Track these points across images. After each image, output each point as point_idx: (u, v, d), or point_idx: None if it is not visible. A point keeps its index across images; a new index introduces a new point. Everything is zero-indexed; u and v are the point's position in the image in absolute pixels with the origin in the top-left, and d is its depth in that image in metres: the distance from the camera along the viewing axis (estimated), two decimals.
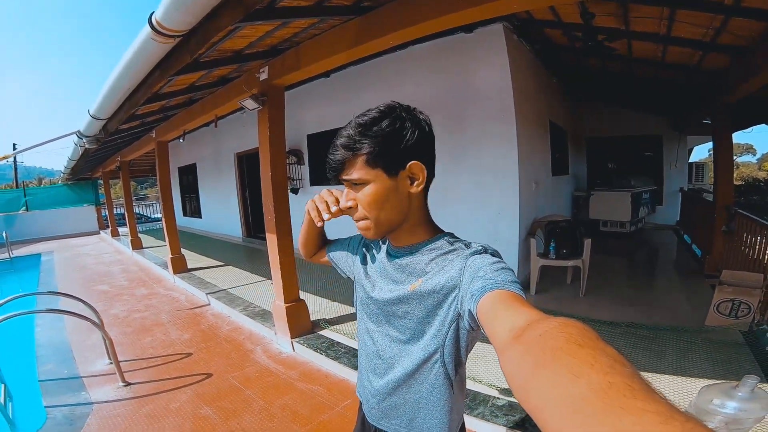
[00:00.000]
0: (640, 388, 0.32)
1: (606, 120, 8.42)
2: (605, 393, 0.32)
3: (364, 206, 0.83)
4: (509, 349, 0.50)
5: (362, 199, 0.82)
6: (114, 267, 7.96)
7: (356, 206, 0.84)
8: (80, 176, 13.34)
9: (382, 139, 0.79)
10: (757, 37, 2.87)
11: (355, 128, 0.80)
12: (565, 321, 0.46)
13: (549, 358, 0.40)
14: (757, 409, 1.59)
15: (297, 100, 6.24)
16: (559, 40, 4.46)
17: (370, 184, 0.80)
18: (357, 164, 0.80)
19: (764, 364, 2.59)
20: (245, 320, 4.21)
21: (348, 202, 0.85)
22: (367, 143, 0.79)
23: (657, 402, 0.30)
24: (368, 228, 0.85)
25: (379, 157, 0.79)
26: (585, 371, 0.36)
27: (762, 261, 3.73)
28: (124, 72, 2.47)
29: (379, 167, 0.79)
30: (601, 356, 0.37)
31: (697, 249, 5.99)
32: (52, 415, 2.65)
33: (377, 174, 0.80)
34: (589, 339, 0.41)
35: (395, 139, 0.79)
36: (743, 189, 10.95)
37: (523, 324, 0.51)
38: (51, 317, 4.48)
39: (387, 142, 0.79)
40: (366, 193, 0.81)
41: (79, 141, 4.73)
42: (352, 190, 0.84)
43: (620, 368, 0.35)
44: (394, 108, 0.81)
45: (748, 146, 33.47)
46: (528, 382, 0.41)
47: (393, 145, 0.79)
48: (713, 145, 4.93)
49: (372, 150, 0.78)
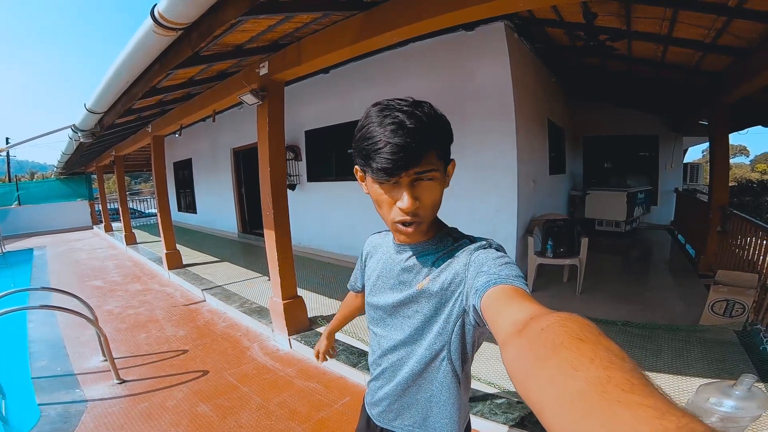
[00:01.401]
0: (638, 383, 0.32)
1: (603, 119, 8.46)
2: (603, 387, 0.33)
3: (428, 204, 0.76)
4: (511, 343, 0.50)
5: (427, 197, 0.75)
6: (108, 262, 7.89)
7: (418, 206, 0.75)
8: (74, 171, 13.21)
9: (447, 134, 0.77)
10: (758, 39, 2.89)
11: (427, 117, 0.72)
12: (567, 316, 0.46)
13: (550, 352, 0.40)
14: (754, 408, 1.61)
15: (295, 95, 6.20)
16: (560, 39, 4.46)
17: (436, 180, 0.75)
18: (431, 155, 0.73)
19: (758, 364, 2.62)
20: (242, 317, 4.19)
21: (414, 202, 0.74)
22: (439, 136, 0.75)
23: (654, 397, 0.31)
24: (422, 231, 0.80)
25: (445, 152, 0.77)
26: (585, 365, 0.36)
27: (755, 261, 3.77)
28: (123, 65, 2.43)
29: (442, 160, 0.77)
30: (602, 351, 0.38)
31: (691, 249, 6.05)
32: (46, 413, 2.61)
33: (442, 168, 0.77)
34: (590, 334, 0.41)
35: (450, 135, 0.79)
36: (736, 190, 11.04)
37: (525, 318, 0.52)
38: (43, 313, 4.43)
39: (448, 137, 0.78)
40: (432, 190, 0.76)
41: (74, 135, 4.67)
42: (409, 188, 0.73)
43: (620, 363, 0.36)
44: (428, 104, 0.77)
45: (741, 147, 33.83)
46: (529, 376, 0.42)
47: (450, 140, 0.79)
48: (710, 146, 4.96)
49: (442, 142, 0.76)
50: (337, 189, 6.20)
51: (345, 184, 6.05)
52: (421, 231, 0.80)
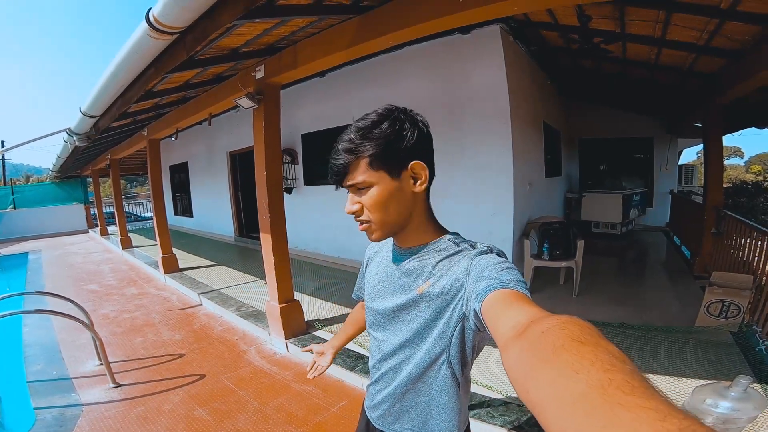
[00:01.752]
0: (639, 386, 0.32)
1: (599, 121, 8.50)
2: (604, 390, 0.33)
3: (369, 209, 0.83)
4: (512, 346, 0.50)
5: (367, 202, 0.83)
6: (103, 266, 7.85)
7: (361, 209, 0.84)
8: (69, 174, 13.14)
9: (383, 141, 0.80)
10: (751, 41, 2.92)
11: (356, 132, 0.81)
12: (568, 319, 0.46)
13: (550, 354, 0.41)
14: (750, 409, 1.61)
15: (291, 99, 6.21)
16: (555, 42, 4.49)
17: (374, 186, 0.81)
18: (360, 167, 0.81)
19: (754, 365, 2.63)
20: (238, 321, 4.18)
21: (353, 206, 0.85)
22: (369, 146, 0.80)
23: (656, 399, 0.31)
24: (373, 230, 0.86)
25: (382, 159, 0.80)
26: (585, 368, 0.36)
27: (750, 263, 3.79)
28: (119, 69, 2.42)
29: (382, 169, 0.80)
30: (602, 354, 0.38)
31: (686, 250, 6.08)
32: (42, 417, 2.60)
33: (381, 176, 0.81)
34: (590, 336, 0.41)
35: (396, 140, 0.80)
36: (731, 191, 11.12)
37: (525, 321, 0.52)
38: (39, 317, 4.40)
39: (388, 144, 0.80)
40: (370, 196, 0.82)
41: (69, 138, 4.65)
42: (356, 194, 0.84)
43: (620, 366, 0.36)
44: (392, 111, 0.83)
45: (735, 149, 34.04)
46: (529, 378, 0.42)
47: (394, 146, 0.80)
48: (704, 148, 4.99)
49: (374, 152, 0.79)
50: (333, 193, 6.11)
51: (341, 189, 6.04)
52: (374, 231, 0.85)
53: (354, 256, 5.85)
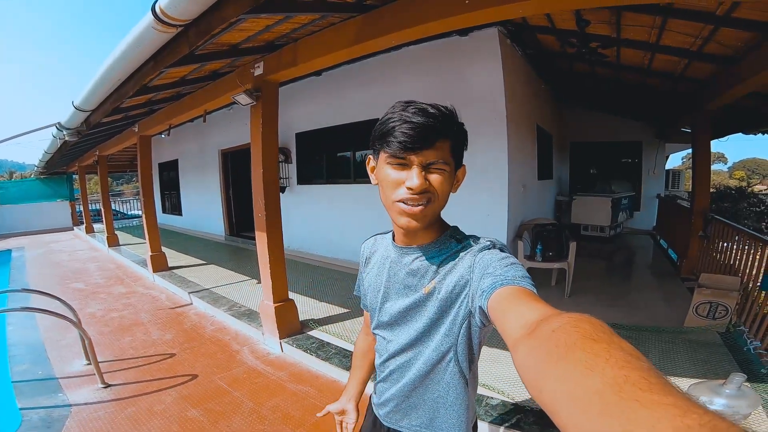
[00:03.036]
0: (656, 382, 0.32)
1: (589, 126, 8.65)
2: (620, 387, 0.32)
3: (437, 190, 0.78)
4: (522, 344, 0.50)
5: (436, 184, 0.77)
6: (89, 264, 7.69)
7: (429, 186, 0.77)
8: (55, 170, 12.85)
9: (462, 136, 0.82)
10: (743, 47, 2.99)
11: (446, 113, 0.77)
12: (579, 316, 0.46)
13: (563, 352, 0.40)
14: (744, 406, 1.65)
15: (287, 97, 6.17)
16: (551, 46, 4.54)
17: (446, 173, 0.78)
18: (444, 148, 0.77)
19: (742, 364, 2.70)
20: (231, 320, 4.13)
21: (425, 181, 0.76)
22: (456, 133, 0.79)
23: (674, 395, 0.30)
24: (427, 214, 0.78)
25: (457, 151, 0.81)
26: (600, 365, 0.35)
27: (735, 266, 3.89)
28: (117, 62, 2.37)
29: (453, 161, 0.80)
30: (616, 351, 0.37)
31: (673, 253, 6.21)
32: (28, 417, 2.54)
33: (452, 166, 0.80)
34: (603, 334, 0.41)
35: (465, 140, 0.83)
36: (715, 196, 11.40)
37: (535, 320, 0.51)
38: (23, 315, 4.29)
39: (463, 141, 0.82)
40: (444, 179, 0.78)
41: (58, 133, 4.55)
42: (420, 169, 0.76)
43: (635, 362, 0.35)
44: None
45: (719, 155, 34.90)
46: (541, 377, 0.41)
47: (464, 144, 0.83)
48: (692, 153, 5.10)
49: (457, 142, 0.80)
50: (327, 192, 6.17)
51: (336, 187, 6.03)
52: (429, 215, 0.79)
53: (347, 256, 5.83)
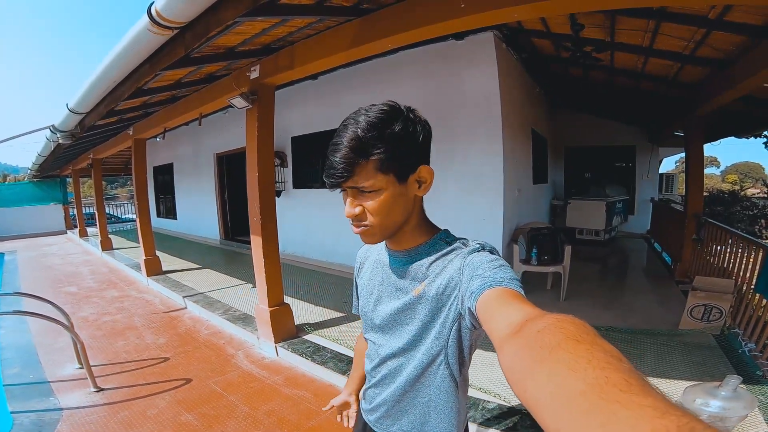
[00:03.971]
0: (636, 384, 0.33)
1: (584, 130, 8.71)
2: (602, 387, 0.33)
3: (372, 213, 0.77)
4: (508, 344, 0.50)
5: (370, 207, 0.77)
6: (82, 268, 7.61)
7: (363, 213, 0.78)
8: (48, 173, 12.74)
9: (396, 143, 0.73)
10: (735, 50, 3.03)
11: (366, 129, 0.72)
12: (564, 317, 0.46)
13: (547, 353, 0.41)
14: (740, 408, 1.66)
15: (282, 101, 6.15)
16: (546, 50, 4.58)
17: (381, 190, 0.75)
18: (368, 169, 0.73)
19: (737, 366, 2.71)
20: (225, 324, 4.10)
21: (355, 209, 0.78)
22: (381, 147, 0.72)
23: (654, 397, 0.31)
24: (373, 234, 0.80)
25: (392, 163, 0.74)
26: (582, 366, 0.36)
27: (729, 269, 3.92)
28: (113, 65, 2.36)
29: (392, 173, 0.75)
30: (599, 352, 0.38)
31: (667, 256, 6.25)
32: (19, 421, 2.51)
33: (389, 180, 0.75)
34: (586, 335, 0.42)
35: (408, 143, 0.75)
36: (708, 200, 11.50)
37: (521, 320, 0.52)
38: (15, 319, 4.24)
39: (401, 146, 0.74)
40: (376, 200, 0.76)
41: (52, 136, 4.52)
42: (356, 197, 0.77)
43: (617, 364, 0.36)
44: (400, 109, 0.77)
45: (712, 159, 35.19)
46: (525, 377, 0.42)
47: (406, 149, 0.75)
48: (685, 157, 5.15)
49: (386, 155, 0.73)
50: (323, 196, 6.15)
51: (331, 192, 6.01)
52: (373, 235, 0.80)
53: (342, 260, 5.81)
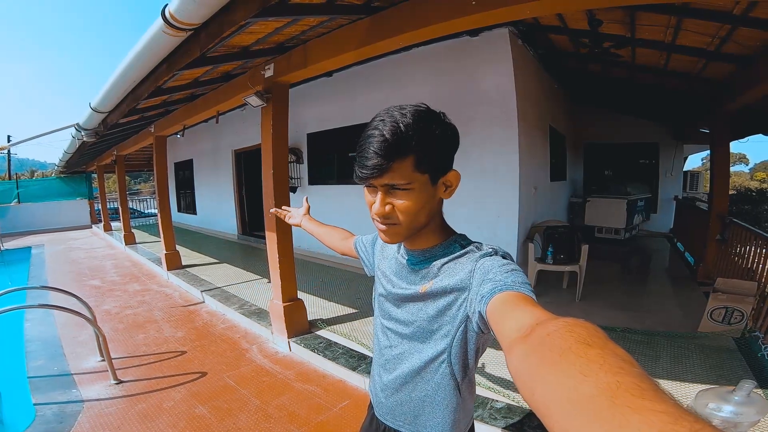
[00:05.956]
0: (648, 389, 0.32)
1: (604, 126, 8.49)
2: (613, 392, 0.32)
3: (402, 212, 0.77)
4: (517, 348, 0.49)
5: (401, 206, 0.76)
6: (106, 262, 7.87)
7: (393, 211, 0.78)
8: (74, 169, 13.19)
9: (435, 144, 0.75)
10: (761, 47, 2.91)
11: (408, 126, 0.72)
12: (574, 321, 0.45)
13: (557, 357, 0.40)
14: (753, 413, 1.61)
15: (298, 98, 6.22)
16: (564, 46, 4.48)
17: (414, 190, 0.75)
18: (405, 166, 0.73)
19: (756, 370, 2.63)
20: (241, 319, 4.18)
21: (386, 207, 0.77)
22: (422, 145, 0.73)
23: (666, 403, 0.30)
24: (398, 233, 0.81)
25: (430, 163, 0.75)
26: (593, 370, 0.35)
27: (754, 270, 3.78)
28: (131, 65, 2.44)
29: (427, 173, 0.76)
30: (610, 356, 0.37)
31: (689, 257, 6.06)
32: (42, 413, 2.59)
33: (423, 180, 0.76)
34: (597, 339, 0.41)
35: (445, 145, 0.78)
36: (735, 198, 11.08)
37: (531, 323, 0.51)
38: (40, 312, 4.40)
39: (439, 148, 0.76)
40: (409, 200, 0.76)
41: (77, 134, 4.68)
42: (387, 194, 0.77)
43: (629, 369, 0.35)
44: (435, 112, 0.78)
45: (741, 155, 33.85)
46: (535, 381, 0.41)
47: (443, 151, 0.77)
48: (711, 155, 4.98)
49: (426, 154, 0.74)
50: (338, 193, 6.20)
51: (346, 188, 6.05)
52: (398, 234, 0.81)
53: None
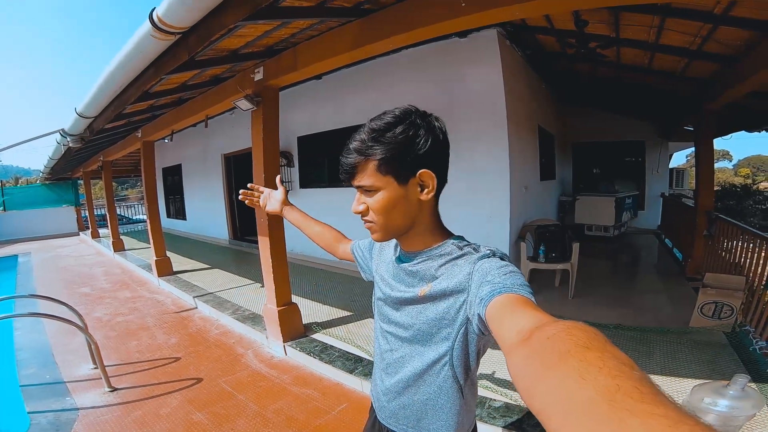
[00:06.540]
0: (648, 392, 0.32)
1: (592, 125, 8.61)
2: (612, 396, 0.32)
3: (374, 211, 0.84)
4: (517, 351, 0.50)
5: (372, 205, 0.83)
6: (95, 269, 7.75)
7: (367, 210, 0.85)
8: (60, 176, 12.97)
9: (394, 146, 0.79)
10: (743, 46, 2.98)
11: (368, 133, 0.80)
12: (574, 324, 0.46)
13: (556, 360, 0.40)
14: (748, 407, 1.64)
15: (288, 101, 6.19)
16: (551, 46, 4.54)
17: (381, 190, 0.82)
18: (368, 170, 0.81)
19: (748, 364, 2.68)
20: (235, 324, 4.15)
21: (359, 206, 0.86)
22: (379, 149, 0.79)
23: (665, 406, 0.30)
24: (376, 231, 0.87)
25: (390, 165, 0.79)
26: (593, 374, 0.35)
27: (741, 264, 3.86)
28: (118, 69, 2.40)
29: (390, 174, 0.80)
30: (610, 359, 0.37)
31: (678, 252, 6.16)
32: (37, 421, 2.57)
33: (387, 181, 0.81)
34: (597, 342, 0.41)
35: (407, 147, 0.79)
36: (720, 194, 11.31)
37: (531, 326, 0.51)
38: (30, 320, 4.33)
39: (399, 150, 0.79)
40: (376, 199, 0.83)
41: (62, 140, 4.61)
42: (363, 194, 0.85)
43: (629, 372, 0.35)
44: (410, 113, 0.81)
45: (724, 152, 34.55)
46: (534, 384, 0.41)
47: (405, 152, 0.79)
48: (695, 152, 5.08)
49: (383, 157, 0.79)
50: (329, 195, 6.18)
51: (338, 191, 6.03)
52: (376, 232, 0.87)
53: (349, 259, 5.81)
